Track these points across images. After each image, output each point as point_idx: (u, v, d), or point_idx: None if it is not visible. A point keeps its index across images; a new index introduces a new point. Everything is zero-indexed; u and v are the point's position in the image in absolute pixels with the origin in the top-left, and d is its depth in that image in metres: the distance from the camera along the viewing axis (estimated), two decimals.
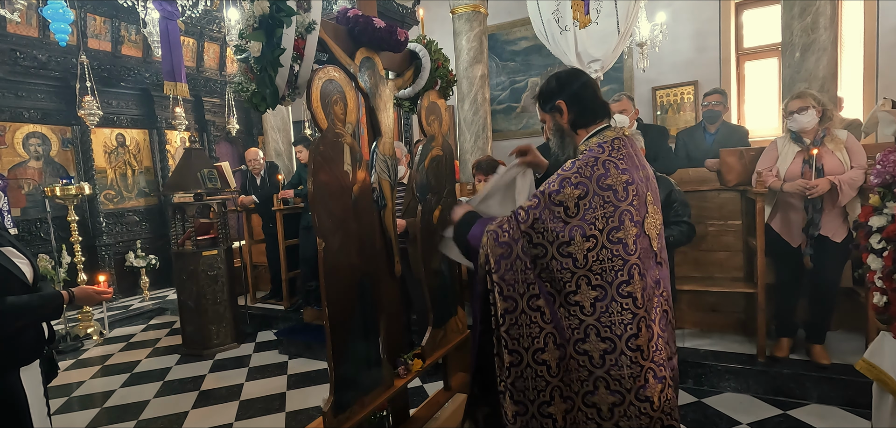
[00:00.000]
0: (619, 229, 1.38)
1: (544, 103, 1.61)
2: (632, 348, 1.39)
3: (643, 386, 1.40)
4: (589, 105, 1.54)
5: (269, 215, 5.15)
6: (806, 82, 3.40)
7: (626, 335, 1.39)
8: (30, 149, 6.01)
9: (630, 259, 1.39)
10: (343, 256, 1.77)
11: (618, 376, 1.40)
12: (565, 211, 1.39)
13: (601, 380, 1.42)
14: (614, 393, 1.41)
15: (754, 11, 6.58)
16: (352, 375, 1.79)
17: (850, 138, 2.83)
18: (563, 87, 1.56)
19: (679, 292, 3.45)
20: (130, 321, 5.77)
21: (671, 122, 6.76)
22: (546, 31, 4.32)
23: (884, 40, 5.68)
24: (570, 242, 1.38)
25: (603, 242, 1.38)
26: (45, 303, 1.81)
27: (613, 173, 1.40)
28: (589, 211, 1.37)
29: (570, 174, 1.41)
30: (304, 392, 3.55)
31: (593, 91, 1.57)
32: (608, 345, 1.40)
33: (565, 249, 1.39)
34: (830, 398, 2.82)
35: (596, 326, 1.40)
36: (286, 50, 1.54)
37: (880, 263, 1.78)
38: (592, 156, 1.43)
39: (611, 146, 1.44)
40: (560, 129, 1.57)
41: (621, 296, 1.39)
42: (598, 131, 1.51)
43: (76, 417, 3.42)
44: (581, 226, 1.38)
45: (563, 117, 1.55)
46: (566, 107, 1.54)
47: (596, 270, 1.38)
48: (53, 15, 4.20)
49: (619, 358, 1.40)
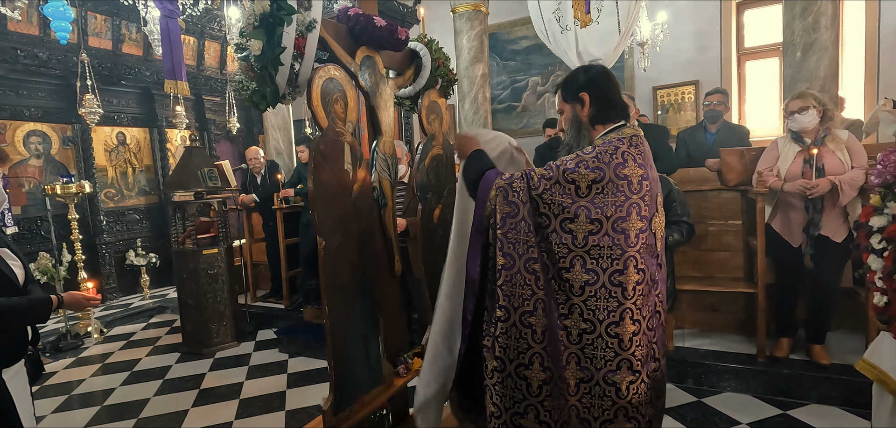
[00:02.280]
0: (625, 220, 1.40)
1: (567, 93, 1.61)
2: (610, 335, 1.42)
3: (614, 370, 1.42)
4: (611, 102, 1.55)
5: (270, 214, 5.15)
6: (807, 82, 3.39)
7: (607, 321, 1.41)
8: (30, 147, 6.01)
9: (629, 251, 1.40)
10: (343, 254, 1.77)
11: (591, 355, 1.43)
12: (576, 189, 1.41)
13: (574, 356, 1.45)
14: (584, 369, 1.45)
15: (755, 11, 6.58)
16: (352, 374, 1.79)
17: (850, 138, 2.82)
18: (590, 79, 1.57)
19: (679, 292, 3.44)
20: (130, 319, 5.77)
21: (672, 121, 6.76)
22: (547, 30, 4.32)
23: (885, 40, 5.68)
24: (573, 218, 1.40)
25: (607, 229, 1.39)
26: (33, 306, 1.82)
27: (631, 165, 1.42)
28: (600, 196, 1.39)
29: (589, 158, 1.42)
30: (303, 391, 3.55)
31: (617, 90, 1.59)
32: (588, 325, 1.43)
33: (567, 225, 1.41)
34: (830, 398, 2.81)
35: (581, 307, 1.43)
36: (287, 48, 1.54)
37: (881, 264, 1.78)
38: (613, 146, 1.44)
39: (630, 142, 1.46)
40: (578, 121, 1.58)
41: (612, 284, 1.41)
42: (615, 128, 1.52)
43: (76, 415, 3.42)
44: (588, 207, 1.39)
45: (585, 110, 1.56)
46: (589, 99, 1.55)
47: (593, 254, 1.40)
48: (54, 13, 4.19)
49: (595, 340, 1.42)
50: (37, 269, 4.73)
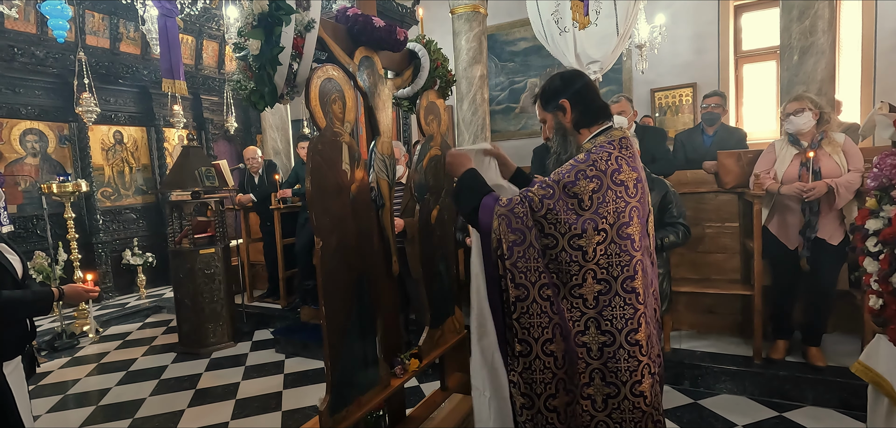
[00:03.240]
0: (629, 225, 1.39)
1: (546, 102, 1.60)
2: (631, 342, 1.40)
3: (639, 381, 1.41)
4: (592, 105, 1.54)
5: (267, 214, 5.14)
6: (804, 85, 3.40)
7: (626, 329, 1.39)
8: (27, 145, 5.99)
9: (636, 255, 1.40)
10: (340, 255, 1.77)
11: (614, 369, 1.40)
12: (579, 204, 1.38)
13: (597, 371, 1.42)
14: (610, 385, 1.42)
15: (753, 14, 6.60)
16: (348, 375, 1.78)
17: (847, 141, 2.84)
18: (567, 86, 1.56)
19: (676, 294, 3.45)
20: (127, 319, 5.75)
21: (669, 123, 6.77)
22: (545, 31, 4.32)
23: (882, 44, 5.70)
24: (581, 234, 1.37)
25: (612, 237, 1.38)
26: (37, 298, 1.85)
27: (625, 170, 1.41)
28: (602, 205, 1.37)
29: (585, 167, 1.40)
30: (300, 391, 3.54)
31: (596, 92, 1.58)
32: (607, 338, 1.40)
33: (576, 242, 1.38)
34: (826, 400, 2.83)
35: (597, 320, 1.40)
36: (285, 48, 1.54)
37: (876, 266, 1.79)
38: (605, 151, 1.42)
39: (620, 145, 1.45)
40: (562, 128, 1.57)
41: (626, 291, 1.39)
42: (602, 131, 1.51)
43: (71, 415, 3.40)
44: (594, 219, 1.37)
45: (567, 116, 1.55)
46: (570, 106, 1.54)
47: (603, 263, 1.38)
48: (52, 11, 4.18)
49: (617, 352, 1.40)
50: (33, 268, 4.72)
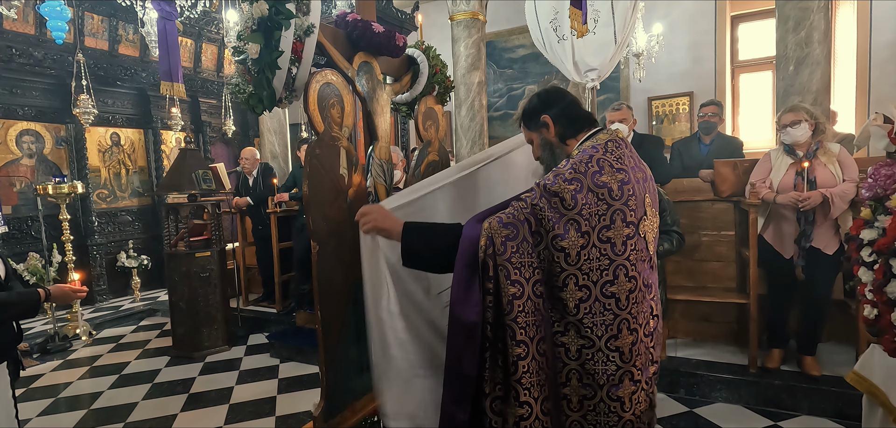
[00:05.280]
0: (610, 228, 1.37)
1: (528, 122, 1.60)
2: (611, 349, 1.38)
3: (617, 385, 1.39)
4: (574, 115, 1.54)
5: (260, 218, 5.11)
6: (799, 95, 3.43)
7: (606, 336, 1.38)
8: (23, 146, 5.96)
9: (617, 259, 1.38)
10: (337, 259, 1.77)
11: (592, 370, 1.39)
12: (562, 202, 1.36)
13: (574, 372, 1.41)
14: (586, 386, 1.41)
15: (749, 25, 6.66)
16: (343, 380, 1.78)
17: (842, 152, 2.86)
18: (546, 103, 1.57)
19: (672, 302, 3.46)
20: (120, 322, 5.71)
21: (666, 132, 6.81)
22: (544, 39, 4.34)
23: (876, 56, 5.76)
24: (563, 235, 1.35)
25: (593, 241, 1.36)
26: (24, 299, 1.83)
27: (608, 171, 1.38)
28: (585, 206, 1.36)
29: (565, 170, 1.40)
30: (294, 396, 3.52)
31: (576, 102, 1.58)
32: (586, 342, 1.39)
33: (558, 242, 1.36)
34: (821, 410, 2.83)
35: (577, 325, 1.39)
36: (284, 52, 1.54)
37: (871, 276, 1.80)
38: (587, 155, 1.42)
39: (604, 148, 1.43)
40: (549, 143, 1.57)
41: (605, 296, 1.38)
42: (588, 136, 1.51)
43: (63, 418, 3.37)
44: (577, 220, 1.35)
45: (551, 131, 1.55)
46: (552, 121, 1.54)
47: (585, 269, 1.36)
48: (50, 12, 4.17)
49: (595, 355, 1.39)
50: (26, 269, 4.68)
